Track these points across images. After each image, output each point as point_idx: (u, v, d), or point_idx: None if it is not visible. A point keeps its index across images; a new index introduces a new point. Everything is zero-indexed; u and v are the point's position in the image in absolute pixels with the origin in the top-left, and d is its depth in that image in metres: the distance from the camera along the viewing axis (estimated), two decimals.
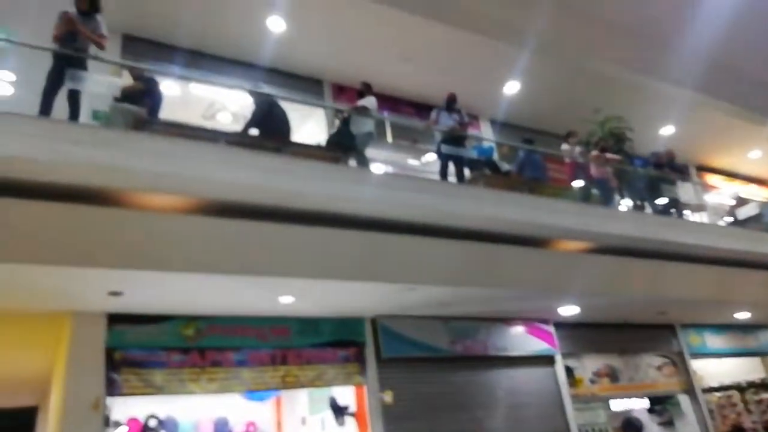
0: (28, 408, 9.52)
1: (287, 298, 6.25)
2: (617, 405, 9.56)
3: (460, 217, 6.35)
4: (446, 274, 6.51)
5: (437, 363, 7.65)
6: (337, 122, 7.75)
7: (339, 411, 7.21)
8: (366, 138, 7.28)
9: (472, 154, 8.47)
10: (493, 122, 11.47)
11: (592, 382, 9.36)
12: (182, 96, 8.81)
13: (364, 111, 7.35)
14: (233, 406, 7.88)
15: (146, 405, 7.07)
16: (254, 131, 6.49)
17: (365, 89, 7.63)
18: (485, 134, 11.17)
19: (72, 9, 5.98)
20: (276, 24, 8.27)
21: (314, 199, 5.54)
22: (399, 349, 7.35)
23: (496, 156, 9.94)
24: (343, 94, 9.80)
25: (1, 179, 4.38)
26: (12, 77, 8.80)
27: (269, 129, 6.50)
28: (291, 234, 5.56)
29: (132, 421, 7.11)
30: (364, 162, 7.16)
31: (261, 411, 8.30)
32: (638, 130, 10.55)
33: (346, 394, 7.29)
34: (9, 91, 9.04)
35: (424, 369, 7.52)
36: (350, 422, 7.11)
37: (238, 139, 6.26)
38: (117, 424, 6.66)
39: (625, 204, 9.89)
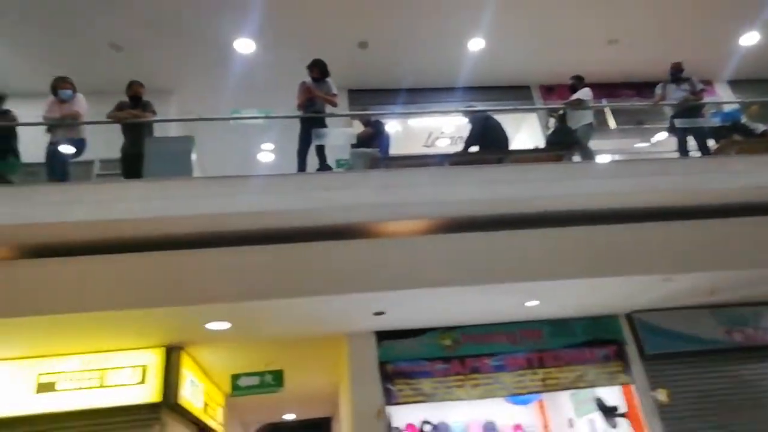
0: (324, 419, 11.19)
1: (532, 302, 6.32)
2: None
3: (712, 193, 5.72)
4: (706, 257, 5.87)
5: (714, 356, 6.81)
6: (552, 122, 7.68)
7: (608, 412, 6.92)
8: (586, 130, 7.08)
9: (714, 121, 7.55)
10: (732, 82, 10.09)
11: None
12: (404, 131, 9.69)
13: (579, 104, 7.17)
14: (499, 410, 8.13)
15: (420, 412, 7.70)
16: (474, 148, 6.82)
17: (577, 82, 7.48)
18: (725, 97, 9.85)
19: (307, 78, 7.09)
20: (477, 44, 8.61)
21: (544, 201, 5.56)
22: (664, 344, 6.78)
23: (744, 119, 8.68)
24: (552, 93, 9.70)
25: (279, 229, 5.33)
26: (272, 146, 10.73)
27: (487, 143, 6.75)
28: (527, 239, 5.63)
29: (409, 427, 7.82)
30: (588, 155, 6.95)
31: (526, 414, 8.40)
32: None
33: (613, 395, 6.97)
34: (270, 158, 11.04)
35: (698, 364, 6.76)
36: (623, 424, 6.76)
37: (461, 159, 6.62)
38: (398, 430, 7.39)
39: None
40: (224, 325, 5.85)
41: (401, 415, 7.33)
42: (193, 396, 6.58)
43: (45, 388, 5.70)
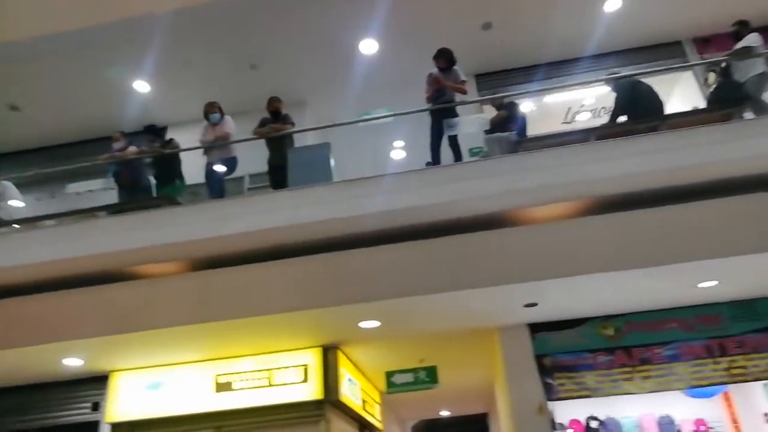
0: (480, 414, 11.08)
1: (709, 283, 5.61)
2: None
3: None
4: None
5: None
6: (713, 77, 6.76)
7: None
8: (758, 81, 6.13)
9: None
10: None
11: None
12: (539, 110, 9.17)
13: (746, 53, 6.23)
14: (676, 403, 7.40)
15: (587, 407, 7.26)
16: (623, 118, 6.23)
17: (741, 28, 6.51)
18: None
19: (434, 69, 6.96)
20: (613, 4, 7.90)
21: (714, 167, 4.91)
22: None
23: None
24: (709, 45, 8.60)
25: (420, 225, 5.21)
26: (402, 143, 10.77)
27: (638, 110, 6.14)
28: (697, 211, 5.01)
29: (574, 423, 7.40)
30: (763, 109, 6.01)
31: (709, 408, 7.55)
32: None
33: None
34: (402, 155, 11.09)
35: None
36: None
37: (608, 132, 6.06)
38: (561, 426, 7.01)
39: None
40: (374, 324, 5.95)
41: (564, 410, 6.96)
42: (352, 393, 6.81)
43: (223, 387, 6.26)
